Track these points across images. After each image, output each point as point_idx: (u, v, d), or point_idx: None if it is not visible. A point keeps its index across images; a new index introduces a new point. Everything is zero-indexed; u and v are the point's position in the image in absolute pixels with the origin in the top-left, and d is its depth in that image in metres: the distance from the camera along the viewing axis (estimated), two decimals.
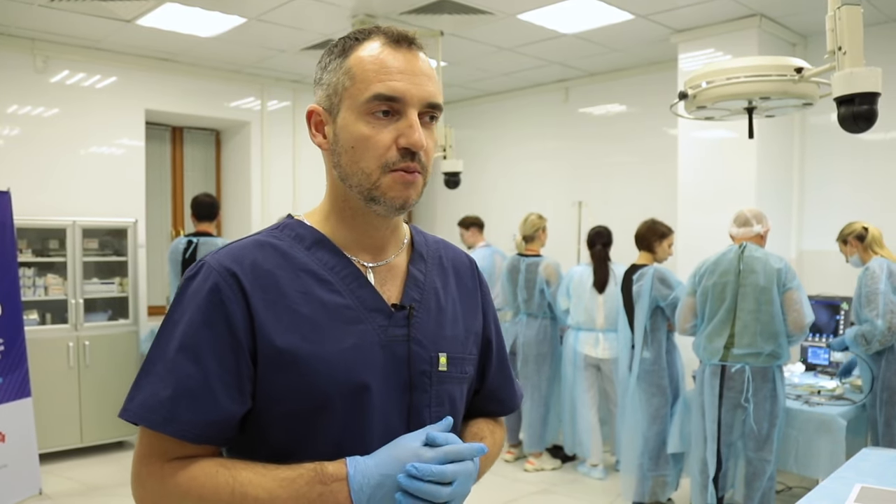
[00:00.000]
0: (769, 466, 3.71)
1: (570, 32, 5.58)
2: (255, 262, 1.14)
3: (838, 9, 2.55)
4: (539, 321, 5.38)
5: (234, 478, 1.06)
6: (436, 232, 7.64)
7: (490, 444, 1.35)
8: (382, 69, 1.13)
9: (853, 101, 2.47)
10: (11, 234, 4.61)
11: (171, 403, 1.07)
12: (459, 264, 1.37)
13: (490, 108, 7.85)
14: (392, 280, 1.24)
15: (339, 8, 5.03)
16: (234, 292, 1.11)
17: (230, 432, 1.12)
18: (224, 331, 1.10)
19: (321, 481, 1.05)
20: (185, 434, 1.08)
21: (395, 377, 1.17)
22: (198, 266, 1.15)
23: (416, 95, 1.13)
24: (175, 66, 6.47)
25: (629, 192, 6.53)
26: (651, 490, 4.41)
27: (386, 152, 1.12)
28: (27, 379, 4.60)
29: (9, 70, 5.66)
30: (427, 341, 1.21)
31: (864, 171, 5.25)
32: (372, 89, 1.12)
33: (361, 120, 1.13)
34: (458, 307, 1.31)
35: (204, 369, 1.08)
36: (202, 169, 7.41)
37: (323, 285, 1.16)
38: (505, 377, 1.43)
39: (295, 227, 1.22)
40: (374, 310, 1.18)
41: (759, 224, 3.90)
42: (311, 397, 1.11)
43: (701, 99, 3.25)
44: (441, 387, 1.22)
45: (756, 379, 3.69)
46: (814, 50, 5.40)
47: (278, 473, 1.06)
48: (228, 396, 1.09)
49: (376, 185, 1.13)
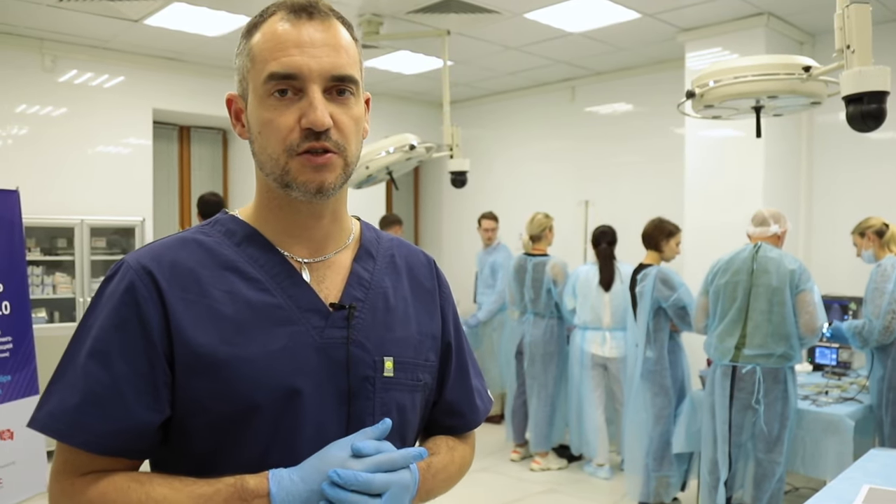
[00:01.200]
0: (779, 468, 3.68)
1: (576, 31, 5.57)
2: (175, 260, 1.06)
3: (847, 7, 2.54)
4: (546, 321, 5.37)
5: (148, 494, 0.97)
6: (443, 231, 7.68)
7: (446, 460, 1.22)
8: (277, 45, 1.04)
9: (861, 100, 2.46)
10: (20, 232, 4.63)
11: (79, 412, 0.99)
12: (415, 263, 1.27)
13: (496, 107, 7.84)
14: (332, 277, 1.14)
15: (345, 7, 5.03)
16: (150, 292, 1.02)
17: (145, 443, 1.03)
18: (138, 333, 1.01)
19: (241, 498, 0.96)
20: (93, 445, 1.00)
21: (331, 383, 1.07)
22: (116, 265, 1.08)
23: (316, 69, 1.03)
24: (182, 66, 6.49)
25: (636, 192, 6.51)
26: (655, 490, 4.41)
27: (289, 135, 1.03)
28: (35, 377, 4.62)
29: (17, 70, 5.69)
30: (370, 344, 1.11)
31: (872, 170, 5.23)
32: (267, 69, 1.04)
33: (263, 103, 1.05)
34: (412, 308, 1.21)
35: (114, 374, 1.00)
36: (209, 168, 7.43)
37: (250, 283, 1.07)
38: (465, 388, 1.30)
39: (226, 222, 1.15)
40: (309, 309, 1.08)
41: (776, 224, 3.87)
42: (235, 404, 1.01)
43: (708, 98, 3.24)
44: (387, 394, 1.11)
45: (767, 380, 3.66)
46: (822, 48, 5.38)
47: (195, 489, 0.97)
48: (141, 403, 1.00)
49: (286, 170, 1.05)
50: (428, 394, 1.22)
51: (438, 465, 1.19)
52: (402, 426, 1.15)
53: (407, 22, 5.35)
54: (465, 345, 1.33)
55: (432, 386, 1.23)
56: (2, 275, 4.45)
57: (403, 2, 4.99)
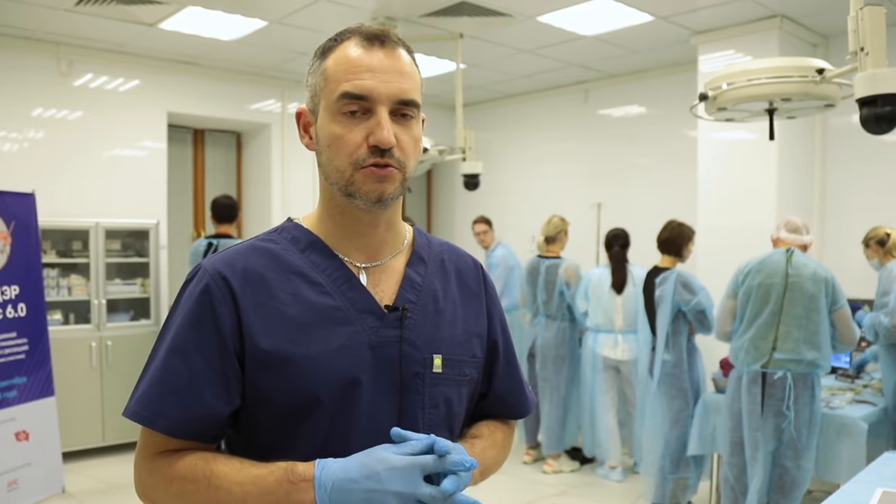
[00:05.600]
0: (808, 475, 3.62)
1: (589, 34, 5.57)
2: (246, 265, 1.17)
3: (860, 9, 2.54)
4: (558, 323, 5.37)
5: (211, 471, 1.09)
6: (455, 233, 7.69)
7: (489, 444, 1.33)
8: (351, 68, 1.15)
9: (875, 103, 2.46)
10: (36, 235, 4.68)
11: (160, 401, 1.12)
12: (463, 267, 1.37)
13: (510, 110, 7.85)
14: (387, 281, 1.24)
15: (359, 11, 5.06)
16: (224, 295, 1.14)
17: (215, 429, 1.15)
18: (212, 332, 1.13)
19: (290, 480, 1.06)
20: (171, 430, 1.12)
21: (385, 378, 1.17)
22: (195, 270, 1.19)
23: (385, 93, 1.14)
24: (197, 69, 6.53)
25: (648, 195, 6.51)
26: (672, 493, 4.39)
27: (356, 150, 1.14)
28: (51, 378, 4.66)
29: (34, 73, 5.74)
30: (421, 343, 1.21)
31: (886, 172, 5.21)
32: (341, 88, 1.14)
33: (334, 120, 1.15)
34: (459, 310, 1.30)
35: (190, 368, 1.12)
36: (223, 171, 7.47)
37: (313, 287, 1.18)
38: (514, 381, 1.41)
39: (292, 230, 1.25)
40: (365, 311, 1.19)
41: (808, 234, 3.85)
42: (298, 396, 1.13)
43: (722, 100, 3.24)
44: (435, 388, 1.21)
45: (797, 386, 3.60)
46: (835, 51, 5.36)
47: (252, 470, 1.08)
48: (213, 394, 1.12)
49: (350, 181, 1.15)
50: (474, 388, 1.32)
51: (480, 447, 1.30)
52: (449, 417, 1.25)
53: (420, 25, 5.37)
54: (510, 342, 1.42)
55: (478, 380, 1.33)
56: (18, 277, 4.50)
57: (417, 5, 5.01)
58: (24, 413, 4.45)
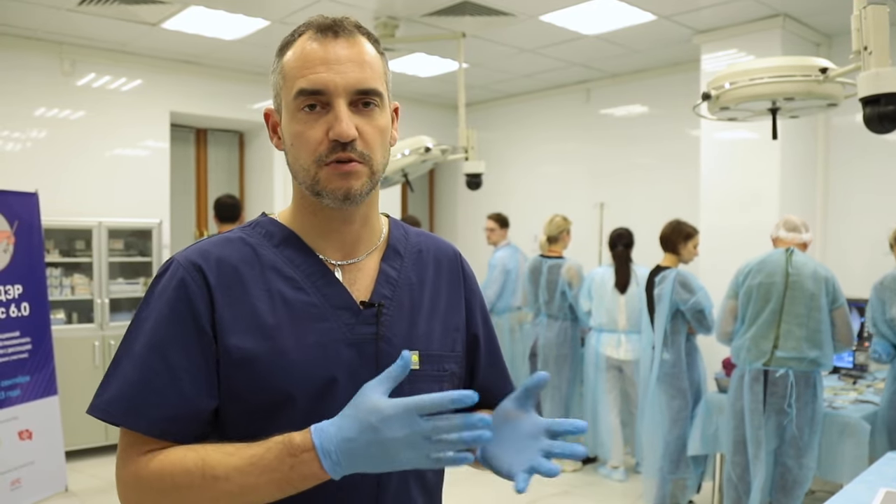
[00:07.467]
0: (810, 474, 3.63)
1: (591, 34, 5.57)
2: (220, 257, 1.15)
3: (864, 8, 2.53)
4: (559, 323, 5.37)
5: (203, 459, 1.04)
6: (458, 233, 7.68)
7: None
8: (305, 63, 1.12)
9: (879, 102, 2.45)
10: (39, 234, 4.68)
11: (137, 399, 1.08)
12: (441, 257, 1.33)
13: (512, 109, 7.85)
14: (363, 278, 1.21)
15: (361, 10, 5.06)
16: (200, 287, 1.11)
17: (200, 427, 1.11)
18: (191, 326, 1.10)
19: (290, 454, 1.01)
20: (155, 431, 1.08)
21: (361, 376, 1.11)
22: (167, 263, 1.16)
23: (342, 84, 1.11)
24: (199, 69, 6.54)
25: (651, 194, 6.50)
26: (671, 493, 4.39)
27: (318, 146, 1.11)
28: (54, 377, 4.67)
29: (37, 73, 5.75)
30: (398, 339, 1.18)
31: (889, 172, 5.20)
32: (297, 85, 1.12)
33: (294, 118, 1.13)
34: (438, 301, 1.28)
35: (170, 364, 1.08)
36: (226, 170, 7.48)
37: (287, 282, 1.16)
38: (498, 374, 1.38)
39: (266, 224, 1.23)
40: (341, 307, 1.16)
41: (807, 233, 3.85)
42: (271, 394, 1.10)
43: (724, 100, 3.23)
44: (414, 385, 1.16)
45: (799, 384, 3.61)
46: (838, 50, 5.35)
47: (247, 451, 1.03)
48: (196, 390, 1.09)
49: (316, 179, 1.12)
50: (456, 383, 1.29)
51: None
52: None
53: (422, 25, 5.37)
54: (492, 334, 1.39)
55: (461, 374, 1.30)
56: (21, 276, 4.50)
57: (419, 5, 5.01)
58: (27, 412, 4.46)
